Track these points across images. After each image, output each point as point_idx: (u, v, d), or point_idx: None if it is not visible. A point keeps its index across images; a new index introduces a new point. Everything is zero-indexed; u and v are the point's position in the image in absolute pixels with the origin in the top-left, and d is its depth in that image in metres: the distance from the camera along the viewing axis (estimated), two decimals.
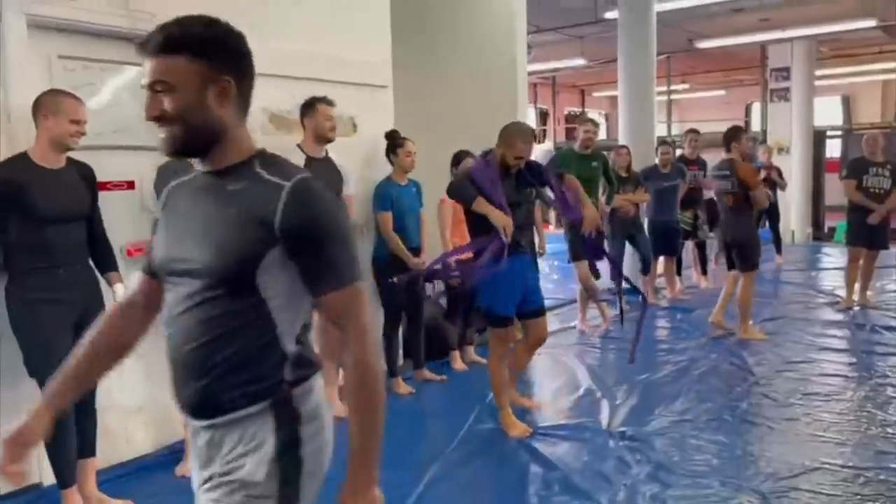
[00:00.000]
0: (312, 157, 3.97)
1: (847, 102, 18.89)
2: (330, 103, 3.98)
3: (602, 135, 21.81)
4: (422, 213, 4.67)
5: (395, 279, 4.45)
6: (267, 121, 4.10)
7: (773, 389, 4.41)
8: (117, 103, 3.58)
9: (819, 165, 12.97)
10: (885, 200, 6.49)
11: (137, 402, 3.70)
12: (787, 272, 9.08)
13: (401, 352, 4.81)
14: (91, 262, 3.13)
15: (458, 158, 4.98)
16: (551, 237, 7.41)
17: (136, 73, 3.62)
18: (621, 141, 7.67)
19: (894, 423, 3.79)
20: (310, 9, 4.28)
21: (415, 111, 5.18)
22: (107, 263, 3.17)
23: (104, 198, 3.27)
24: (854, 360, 5.03)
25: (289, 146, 4.02)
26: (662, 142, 7.56)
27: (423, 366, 4.83)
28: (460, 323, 5.10)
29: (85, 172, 3.08)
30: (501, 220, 3.55)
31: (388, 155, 4.56)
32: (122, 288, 3.13)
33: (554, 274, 9.06)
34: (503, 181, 3.72)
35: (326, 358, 4.11)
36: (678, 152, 7.58)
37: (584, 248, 4.93)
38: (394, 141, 4.53)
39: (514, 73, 5.94)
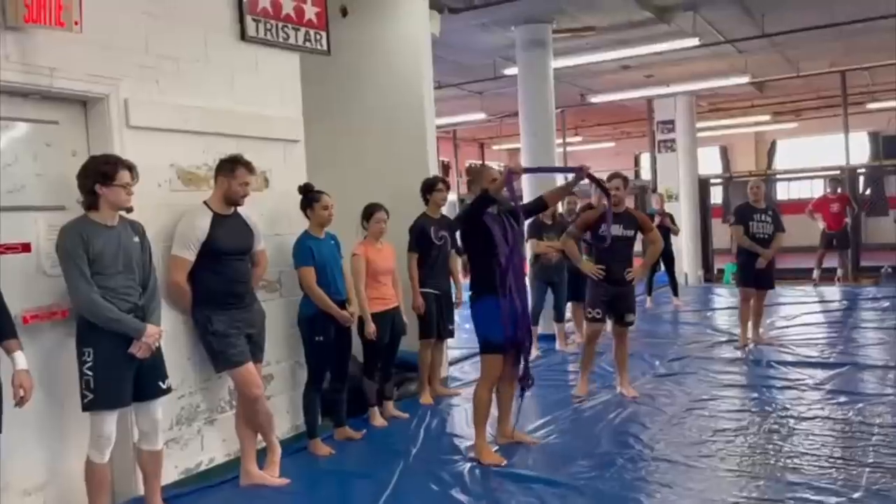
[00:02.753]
0: (220, 214, 3.86)
1: (725, 152, 20.28)
2: (250, 169, 3.88)
3: None
4: (343, 266, 4.61)
5: (319, 337, 4.36)
6: (175, 176, 3.96)
7: (687, 427, 4.55)
8: (12, 162, 3.38)
9: (705, 211, 13.76)
10: (769, 244, 6.94)
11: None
12: (685, 313, 9.48)
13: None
14: None
15: (369, 211, 4.97)
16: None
17: (32, 130, 3.44)
18: (526, 191, 7.88)
19: (800, 454, 3.98)
20: (219, 64, 4.22)
21: (325, 165, 5.15)
22: (3, 331, 2.94)
23: None
24: (756, 394, 5.25)
25: (196, 202, 3.91)
26: None
27: (345, 423, 4.71)
28: (380, 377, 5.02)
29: None
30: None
31: (303, 209, 4.50)
32: (21, 357, 2.91)
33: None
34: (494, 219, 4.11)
35: (247, 427, 3.97)
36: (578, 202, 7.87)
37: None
38: (309, 195, 4.47)
39: (422, 127, 6.03)
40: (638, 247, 5.66)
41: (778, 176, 17.83)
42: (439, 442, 4.57)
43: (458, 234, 6.01)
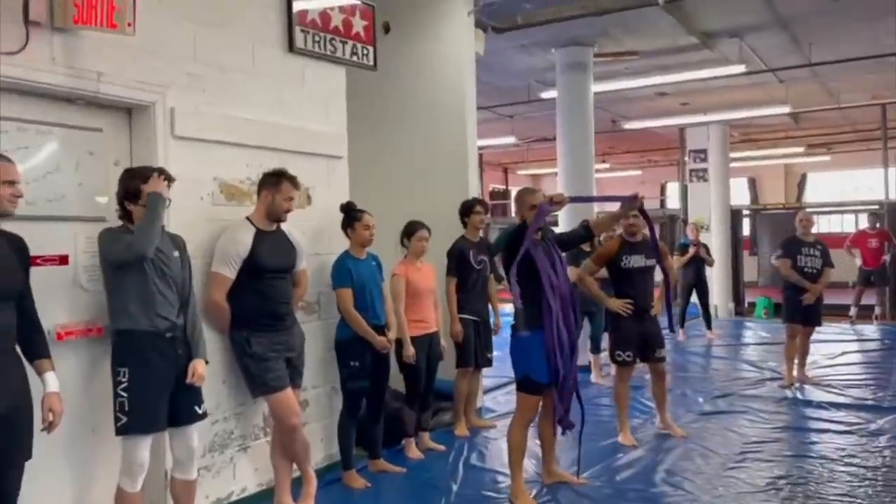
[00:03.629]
0: (263, 231, 3.68)
1: (753, 184, 20.01)
2: (295, 184, 3.71)
3: None
4: (384, 288, 4.42)
5: (355, 363, 4.15)
6: (218, 190, 3.79)
7: (745, 473, 4.28)
8: (53, 170, 3.22)
9: (737, 242, 13.48)
10: (817, 280, 6.67)
11: None
12: (718, 347, 9.20)
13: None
14: (18, 349, 2.70)
15: (410, 229, 4.79)
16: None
17: (75, 137, 3.29)
18: (562, 218, 7.68)
19: None
20: (266, 76, 4.07)
21: (364, 183, 4.98)
22: (36, 349, 2.75)
23: (33, 274, 2.87)
24: (814, 438, 4.97)
25: (238, 218, 3.74)
26: None
27: (381, 455, 4.48)
28: (418, 407, 4.79)
29: (17, 244, 2.69)
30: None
31: (344, 229, 4.32)
32: (52, 378, 2.71)
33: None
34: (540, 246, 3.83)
35: (283, 457, 3.76)
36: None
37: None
38: (350, 214, 4.30)
39: (464, 147, 5.87)
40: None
41: (814, 209, 17.52)
42: (480, 479, 4.33)
43: (496, 259, 5.85)
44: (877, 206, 12.33)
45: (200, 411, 3.22)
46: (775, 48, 8.59)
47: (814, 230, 7.04)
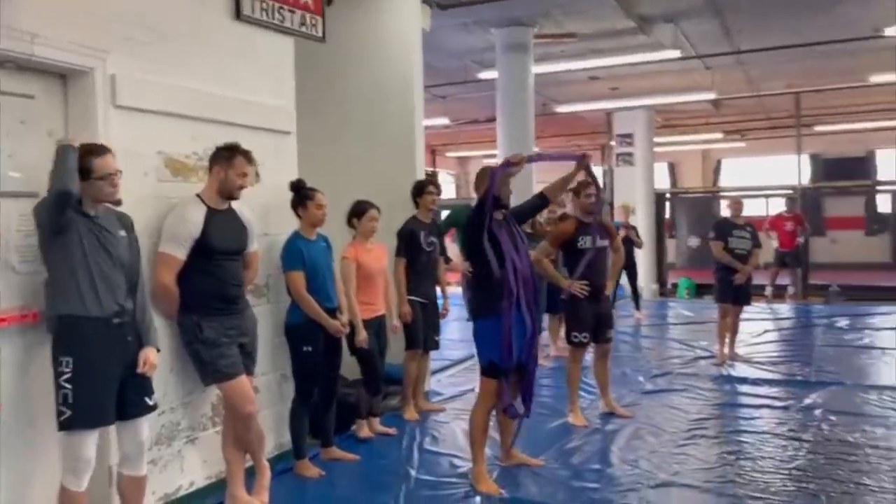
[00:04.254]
0: (214, 209, 3.46)
1: (672, 168, 20.63)
2: (250, 159, 3.49)
3: (452, 194, 22.22)
4: (335, 270, 4.25)
5: (308, 348, 3.99)
6: (162, 165, 3.53)
7: (696, 450, 4.36)
8: None
9: (661, 225, 13.85)
10: (747, 260, 6.90)
11: None
12: (648, 327, 9.42)
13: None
14: None
15: (359, 209, 4.62)
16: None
17: (4, 105, 2.97)
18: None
19: (816, 479, 3.83)
20: (212, 44, 3.82)
21: (313, 160, 4.77)
22: None
23: None
24: (756, 415, 5.11)
25: (186, 194, 3.50)
26: None
27: (333, 443, 4.33)
28: (371, 390, 4.66)
29: None
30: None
31: (294, 208, 4.12)
32: None
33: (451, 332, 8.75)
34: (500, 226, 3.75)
35: (236, 447, 3.57)
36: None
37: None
38: (301, 192, 4.10)
39: (411, 124, 5.73)
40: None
41: (735, 193, 18.20)
42: (438, 463, 4.24)
43: (448, 239, 5.77)
44: (791, 191, 12.92)
45: (151, 403, 3.00)
46: (706, 35, 8.80)
47: (727, 213, 7.24)
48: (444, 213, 6.52)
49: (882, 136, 17.50)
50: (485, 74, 9.28)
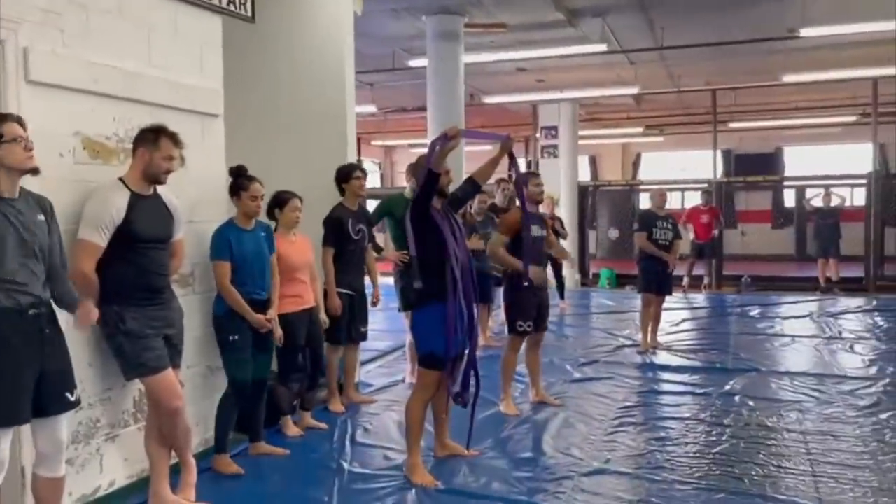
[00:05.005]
0: (138, 194, 3.27)
1: (594, 161, 21.07)
2: (177, 142, 3.31)
3: (376, 182, 22.03)
4: (272, 262, 4.10)
5: (234, 337, 3.84)
6: (80, 146, 3.31)
7: (626, 437, 4.45)
8: None
9: (584, 217, 14.12)
10: (670, 250, 7.12)
11: None
12: (572, 316, 9.58)
13: None
14: None
15: (281, 199, 4.47)
16: None
17: None
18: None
19: (737, 462, 3.97)
20: (134, 19, 3.60)
21: (240, 145, 4.59)
22: None
23: None
24: (680, 401, 5.27)
25: (108, 178, 3.30)
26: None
27: (262, 438, 4.20)
28: (306, 386, 4.54)
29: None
30: None
31: (231, 195, 3.96)
32: None
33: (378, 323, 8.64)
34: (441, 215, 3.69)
35: (160, 444, 3.40)
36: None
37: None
38: (239, 180, 3.94)
39: (343, 109, 5.60)
40: None
41: (654, 186, 18.73)
42: (371, 456, 4.18)
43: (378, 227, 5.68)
44: (706, 185, 13.39)
45: (72, 398, 2.81)
46: (632, 30, 8.99)
47: (647, 206, 7.45)
48: (375, 203, 6.41)
49: (789, 134, 18.41)
50: (414, 62, 9.19)
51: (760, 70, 11.50)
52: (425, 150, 3.84)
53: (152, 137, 3.25)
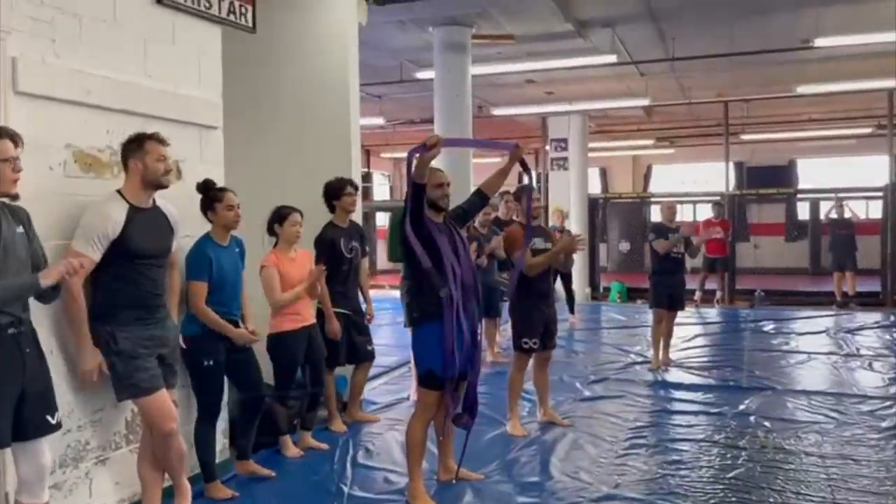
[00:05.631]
0: (137, 207, 3.16)
1: (604, 174, 20.92)
2: (162, 141, 3.21)
3: (386, 195, 21.97)
4: (243, 277, 3.96)
5: (209, 361, 3.70)
6: (72, 159, 3.22)
7: (637, 460, 4.28)
8: None
9: (594, 230, 13.96)
10: (682, 264, 6.97)
11: None
12: (583, 331, 9.41)
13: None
14: None
15: (281, 214, 4.35)
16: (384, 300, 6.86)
17: None
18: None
19: (753, 489, 3.80)
20: (130, 29, 3.51)
21: (241, 160, 4.50)
22: None
23: None
24: (694, 421, 5.09)
25: (102, 192, 3.20)
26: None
27: (249, 456, 4.06)
28: (306, 405, 4.41)
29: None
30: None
31: (204, 211, 3.82)
32: None
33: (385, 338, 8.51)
34: (439, 231, 3.55)
35: (153, 468, 3.29)
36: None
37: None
38: (210, 193, 3.80)
39: (347, 123, 5.50)
40: None
41: (666, 199, 18.54)
42: (372, 479, 4.03)
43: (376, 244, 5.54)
44: (718, 197, 13.22)
45: (54, 421, 2.69)
46: (642, 41, 8.87)
47: (657, 218, 7.31)
48: (385, 215, 6.30)
49: (803, 147, 18.20)
50: (422, 74, 9.10)
51: (773, 81, 11.35)
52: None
53: (136, 145, 3.16)
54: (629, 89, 11.45)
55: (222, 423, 3.99)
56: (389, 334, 8.33)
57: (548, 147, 14.09)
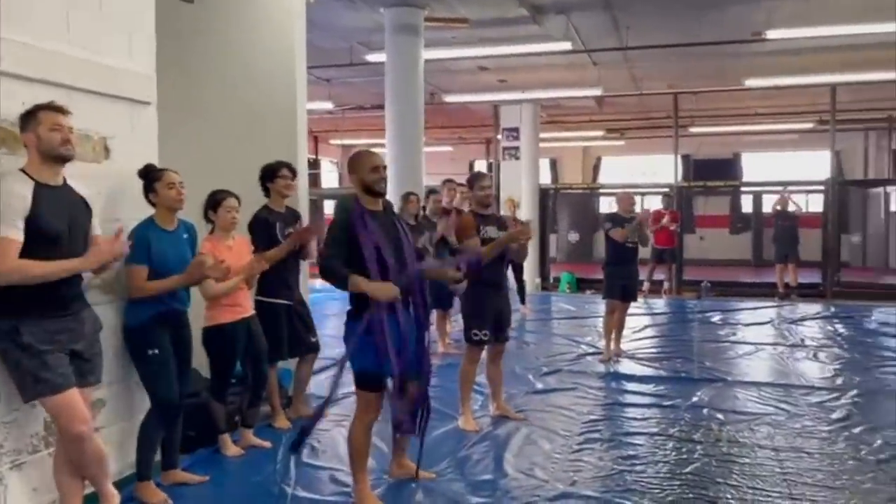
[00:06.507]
0: (45, 185, 2.86)
1: (554, 164, 20.94)
2: (59, 109, 2.90)
3: (335, 183, 21.59)
4: None
5: (154, 350, 3.45)
6: None
7: (592, 455, 4.17)
8: None
9: (545, 220, 13.92)
10: (635, 252, 6.93)
11: None
12: (533, 321, 9.34)
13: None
14: None
15: (216, 199, 4.08)
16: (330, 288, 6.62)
17: None
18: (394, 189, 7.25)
19: (710, 484, 3.72)
20: None
21: (177, 140, 4.19)
22: None
23: None
24: (647, 413, 5.02)
25: (15, 167, 2.89)
26: (431, 191, 7.33)
27: (178, 465, 3.79)
28: (247, 400, 4.16)
29: None
30: (385, 292, 3.21)
31: (147, 196, 3.55)
32: None
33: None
34: (375, 219, 3.27)
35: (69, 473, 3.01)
36: None
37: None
38: (150, 176, 3.53)
39: (293, 104, 5.25)
40: None
41: (615, 190, 18.64)
42: (318, 479, 3.82)
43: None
44: (667, 189, 13.31)
45: None
46: (596, 29, 8.77)
47: (606, 210, 7.24)
48: (332, 203, 6.04)
49: (747, 140, 18.53)
50: (373, 57, 8.83)
51: (723, 74, 11.43)
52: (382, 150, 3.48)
53: (29, 117, 2.86)
54: (581, 79, 11.37)
55: None
56: (336, 325, 8.06)
57: (499, 136, 13.96)
